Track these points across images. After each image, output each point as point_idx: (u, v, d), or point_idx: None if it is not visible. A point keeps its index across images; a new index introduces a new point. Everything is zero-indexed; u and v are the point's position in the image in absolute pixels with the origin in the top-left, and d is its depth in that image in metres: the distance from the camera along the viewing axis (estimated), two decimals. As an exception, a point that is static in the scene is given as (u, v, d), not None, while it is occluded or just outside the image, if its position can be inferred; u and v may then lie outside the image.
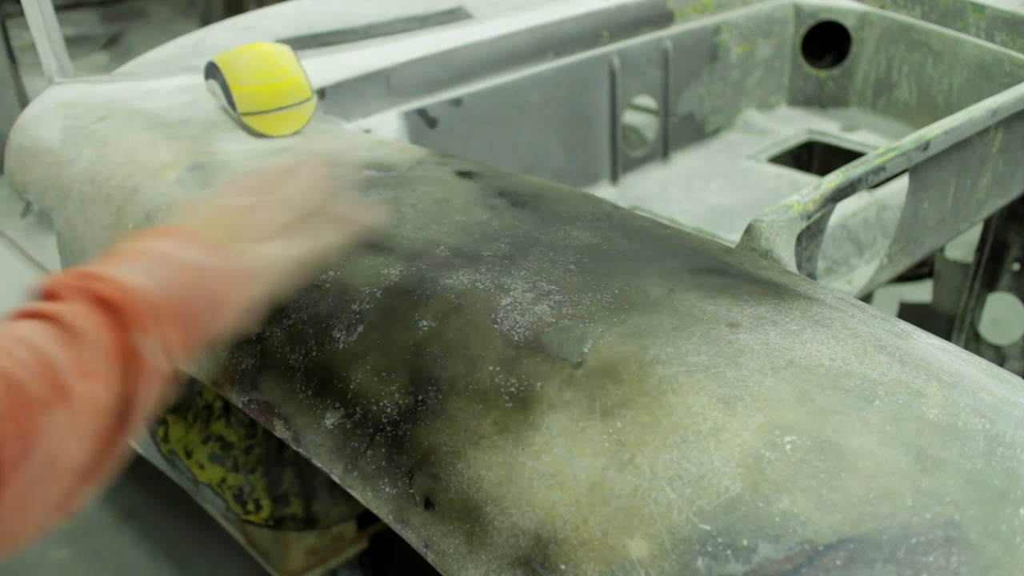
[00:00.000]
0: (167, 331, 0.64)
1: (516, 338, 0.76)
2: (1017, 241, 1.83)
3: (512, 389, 0.73)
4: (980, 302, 1.93)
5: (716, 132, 2.08)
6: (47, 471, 0.54)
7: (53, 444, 0.54)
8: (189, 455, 1.37)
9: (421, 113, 1.53)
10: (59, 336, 0.58)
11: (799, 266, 1.01)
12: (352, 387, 0.82)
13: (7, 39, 2.43)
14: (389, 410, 0.78)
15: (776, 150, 2.03)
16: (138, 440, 1.49)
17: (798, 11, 2.10)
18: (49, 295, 0.63)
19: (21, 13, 1.46)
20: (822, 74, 2.14)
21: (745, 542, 0.59)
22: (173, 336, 0.65)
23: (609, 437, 0.67)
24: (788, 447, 0.63)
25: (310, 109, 1.28)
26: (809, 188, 0.97)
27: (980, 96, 1.55)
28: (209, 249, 0.72)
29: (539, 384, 0.72)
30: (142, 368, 0.62)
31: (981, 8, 1.59)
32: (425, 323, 0.81)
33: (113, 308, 0.61)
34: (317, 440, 0.83)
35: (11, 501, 0.51)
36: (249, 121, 1.24)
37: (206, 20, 3.35)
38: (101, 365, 0.59)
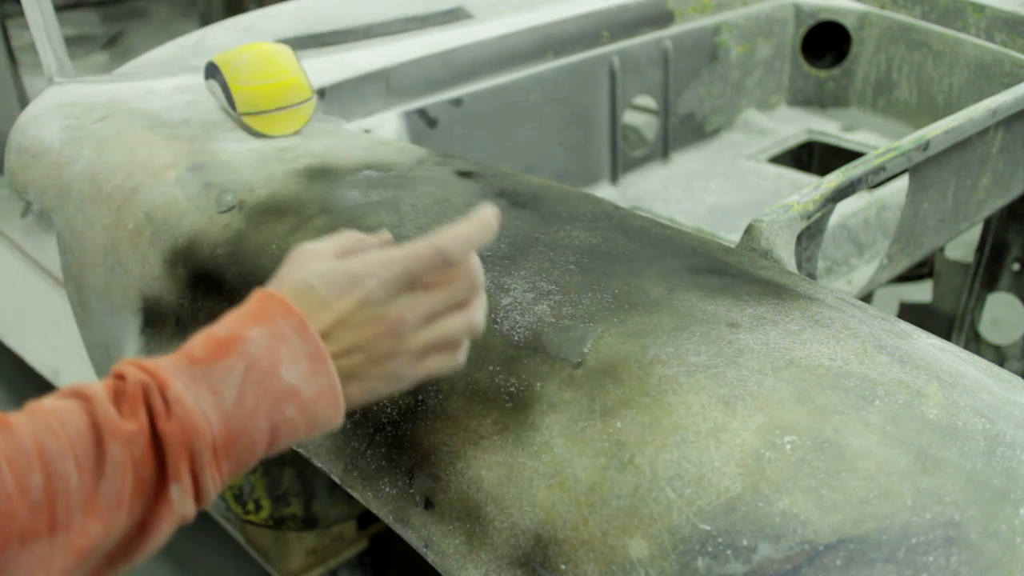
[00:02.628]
0: (214, 470, 0.58)
1: (516, 338, 0.76)
2: (1017, 241, 1.83)
3: (512, 389, 0.73)
4: (980, 302, 1.93)
5: (716, 132, 2.08)
6: None
7: (19, 574, 0.51)
8: (189, 455, 1.37)
9: (421, 113, 1.53)
10: (89, 457, 0.54)
11: (799, 266, 1.01)
12: (352, 387, 0.82)
13: (7, 39, 2.43)
14: (389, 410, 0.78)
15: (776, 150, 2.03)
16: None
17: (798, 11, 2.10)
18: (119, 392, 0.57)
19: (21, 13, 1.46)
20: (822, 74, 2.14)
21: (745, 542, 0.59)
22: (219, 473, 0.58)
23: (609, 437, 0.67)
24: (788, 447, 0.63)
25: (310, 109, 1.28)
26: (809, 188, 0.97)
27: (980, 96, 1.55)
28: (315, 362, 0.60)
29: (539, 384, 0.72)
30: (166, 512, 0.57)
31: (981, 8, 1.59)
32: (425, 323, 0.81)
33: (160, 444, 0.56)
34: (317, 440, 0.83)
35: None
36: (249, 121, 1.24)
37: (206, 20, 3.35)
38: (117, 503, 0.54)
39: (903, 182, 1.56)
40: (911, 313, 2.17)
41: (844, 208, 1.55)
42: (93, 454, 0.54)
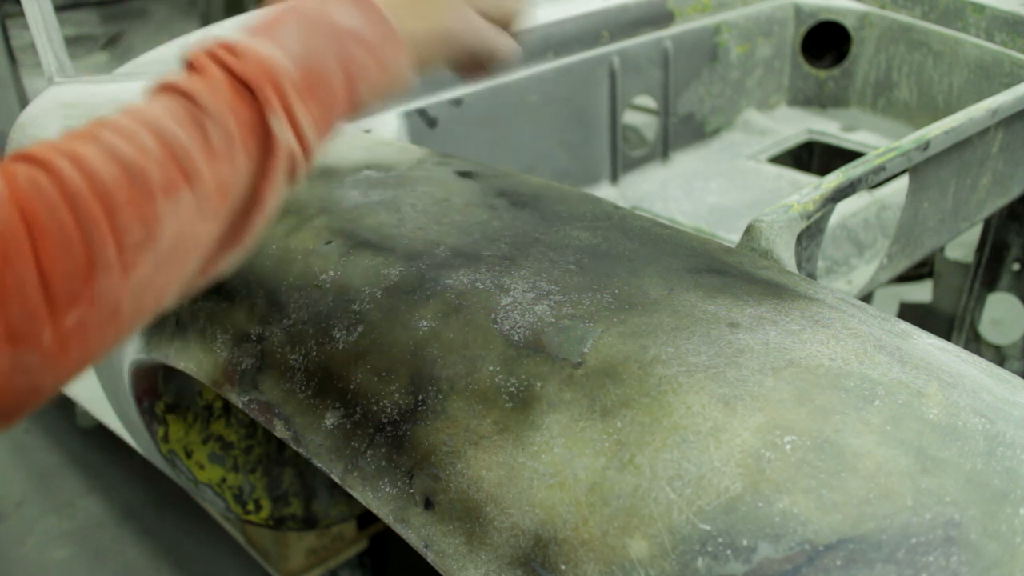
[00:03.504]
0: (303, 109, 0.62)
1: (516, 338, 0.76)
2: (1017, 241, 1.83)
3: (512, 389, 0.73)
4: (980, 302, 1.93)
5: (716, 132, 2.08)
6: (176, 251, 0.55)
7: (180, 226, 0.55)
8: (189, 455, 1.37)
9: (421, 113, 1.53)
10: (189, 116, 0.57)
11: (799, 266, 1.01)
12: (352, 387, 0.82)
13: (7, 39, 2.43)
14: (389, 410, 0.78)
15: (776, 150, 2.03)
16: (138, 440, 1.49)
17: (798, 11, 2.10)
18: (190, 67, 0.62)
19: (21, 13, 1.46)
20: (822, 74, 2.14)
21: (745, 542, 0.59)
22: (310, 114, 0.62)
23: (609, 437, 0.67)
24: (788, 447, 0.63)
25: (310, 109, 1.27)
26: (809, 188, 0.97)
27: (980, 96, 1.55)
28: (362, 6, 0.66)
29: (539, 384, 0.72)
30: (274, 149, 0.60)
31: (981, 8, 1.59)
32: (425, 323, 0.81)
33: (247, 86, 0.59)
34: (317, 440, 0.83)
35: (142, 279, 0.53)
36: (249, 121, 1.24)
37: (206, 20, 3.35)
38: (230, 147, 0.58)
39: (903, 182, 1.56)
40: (911, 313, 2.17)
41: (844, 208, 1.55)
42: (189, 112, 0.58)
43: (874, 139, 2.02)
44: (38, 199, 0.50)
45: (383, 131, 1.43)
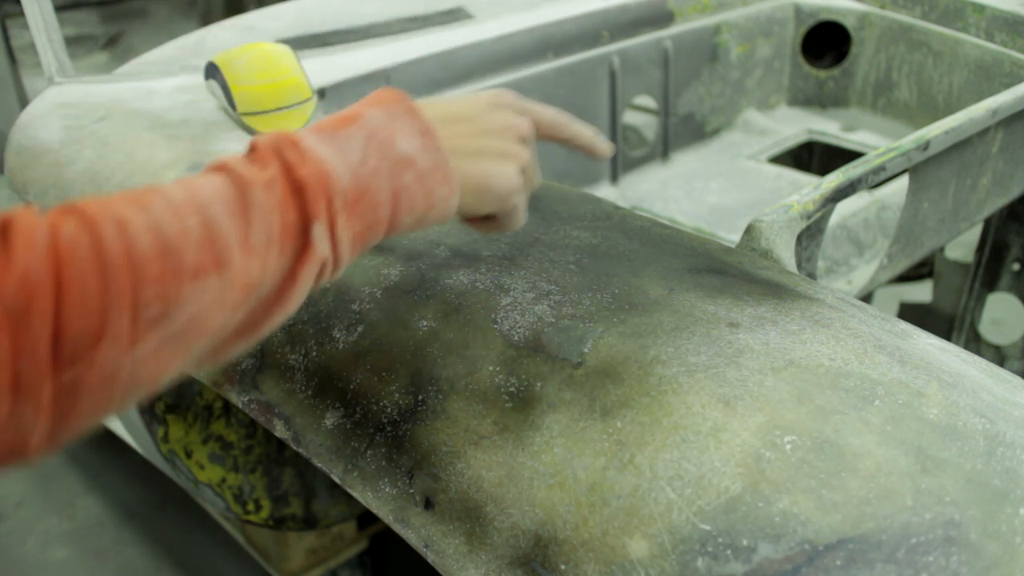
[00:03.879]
0: (347, 225, 0.62)
1: (516, 338, 0.76)
2: (1017, 241, 1.83)
3: (512, 389, 0.73)
4: (980, 302, 1.93)
5: (716, 132, 2.08)
6: (187, 333, 0.55)
7: (198, 310, 0.55)
8: (189, 455, 1.37)
9: (421, 113, 1.53)
10: (238, 205, 0.58)
11: (799, 266, 1.01)
12: (352, 387, 0.82)
13: (7, 39, 2.43)
14: (389, 410, 0.78)
15: (776, 150, 2.03)
16: (138, 440, 1.49)
17: (798, 11, 2.10)
18: (253, 152, 0.62)
19: (21, 13, 1.46)
20: (822, 74, 2.14)
21: (745, 542, 0.59)
22: (351, 230, 0.63)
23: (609, 437, 0.67)
24: (788, 447, 0.63)
25: (310, 109, 1.28)
26: (809, 188, 0.97)
27: (980, 96, 1.56)
28: (426, 137, 0.67)
29: (539, 384, 0.72)
30: (309, 254, 0.61)
31: (981, 8, 1.59)
32: (425, 323, 0.81)
33: (298, 187, 0.60)
34: (317, 440, 0.83)
35: (146, 353, 0.53)
36: (249, 121, 1.24)
37: (206, 20, 3.35)
38: (268, 245, 0.59)
39: (903, 182, 1.56)
40: (911, 313, 2.17)
41: (844, 208, 1.55)
42: (239, 201, 0.58)
43: (874, 139, 2.02)
44: (74, 260, 0.50)
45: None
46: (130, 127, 1.27)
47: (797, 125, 2.12)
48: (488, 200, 0.72)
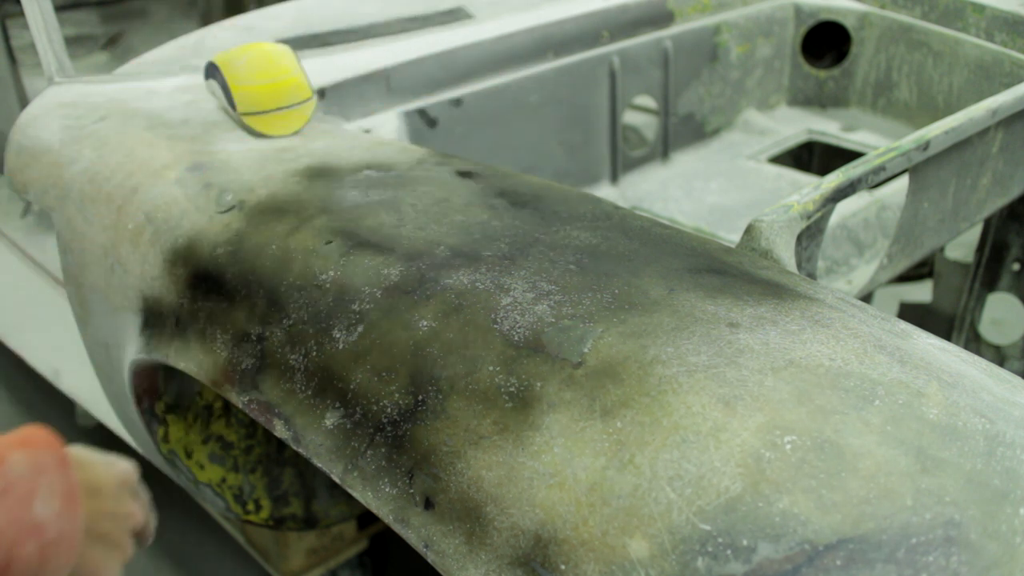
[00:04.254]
0: None
1: (516, 338, 0.76)
2: (1017, 241, 1.83)
3: (512, 389, 0.73)
4: (980, 302, 1.93)
5: (716, 132, 2.08)
6: None
7: None
8: (189, 455, 1.37)
9: (421, 113, 1.53)
10: None
11: (799, 266, 1.01)
12: (352, 387, 0.82)
13: (7, 39, 2.43)
14: (389, 410, 0.78)
15: (776, 150, 2.03)
16: (138, 440, 1.49)
17: (798, 11, 2.10)
18: None
19: (21, 13, 1.46)
20: (822, 74, 2.14)
21: (745, 542, 0.59)
22: None
23: (609, 437, 0.67)
24: (788, 447, 0.63)
25: (310, 109, 1.28)
26: (809, 188, 0.97)
27: (980, 96, 1.55)
28: (68, 503, 0.62)
29: (539, 384, 0.72)
30: None
31: (981, 8, 1.59)
32: (425, 323, 0.81)
33: None
34: (317, 440, 0.83)
35: None
36: (249, 121, 1.24)
37: (206, 20, 3.35)
38: None
39: (903, 182, 1.56)
40: (911, 313, 2.17)
41: (844, 208, 1.55)
42: None
43: (874, 139, 2.02)
44: None
45: (383, 131, 1.43)
46: (130, 127, 1.27)
47: (797, 125, 2.12)
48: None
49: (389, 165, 1.12)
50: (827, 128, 2.09)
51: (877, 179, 1.02)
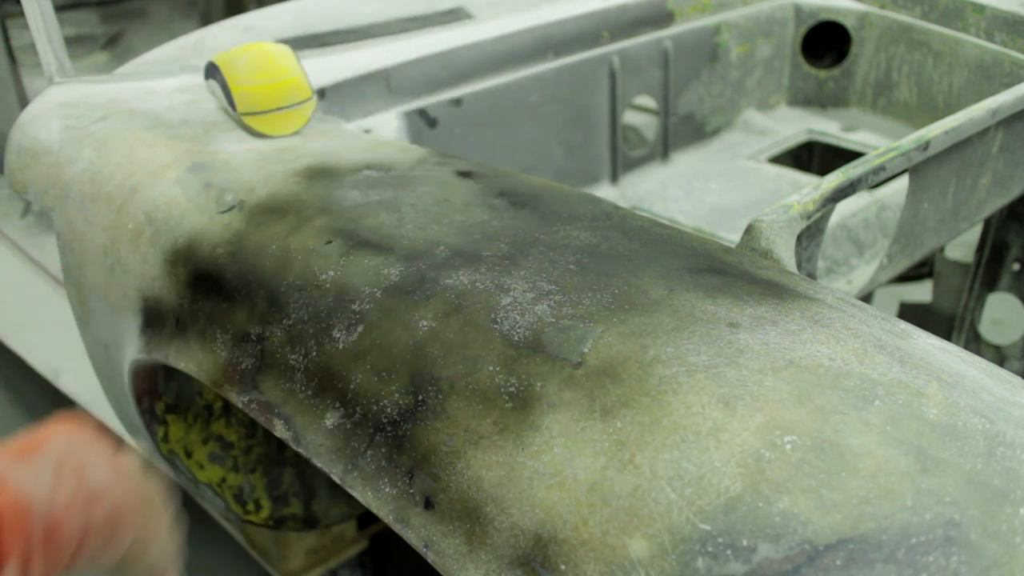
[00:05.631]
0: (38, 555, 0.59)
1: (516, 338, 0.76)
2: (1017, 241, 1.83)
3: (512, 389, 0.73)
4: (980, 302, 1.93)
5: (716, 132, 2.08)
6: None
7: None
8: (189, 455, 1.37)
9: (421, 113, 1.53)
10: None
11: (799, 266, 1.01)
12: (352, 387, 0.82)
13: (7, 39, 2.43)
14: (389, 410, 0.78)
15: (776, 150, 2.03)
16: (138, 440, 1.49)
17: (798, 11, 2.10)
18: None
19: (21, 13, 1.46)
20: (822, 74, 2.14)
21: (745, 542, 0.59)
22: (42, 560, 0.59)
23: (609, 437, 0.67)
24: (788, 447, 0.63)
25: (310, 109, 1.28)
26: (809, 188, 0.97)
27: (980, 96, 1.55)
28: (115, 471, 0.65)
29: (539, 384, 0.72)
30: None
31: (981, 8, 1.59)
32: (425, 323, 0.81)
33: None
34: (317, 440, 0.83)
35: None
36: (249, 121, 1.24)
37: (206, 20, 3.34)
38: None
39: (903, 182, 1.56)
40: (911, 313, 2.17)
41: (844, 208, 1.55)
42: None
43: (874, 139, 2.02)
44: None
45: (383, 131, 1.43)
46: (130, 127, 1.27)
47: (797, 125, 2.12)
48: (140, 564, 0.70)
49: (389, 165, 1.12)
50: (827, 128, 2.09)
51: (877, 179, 1.02)
